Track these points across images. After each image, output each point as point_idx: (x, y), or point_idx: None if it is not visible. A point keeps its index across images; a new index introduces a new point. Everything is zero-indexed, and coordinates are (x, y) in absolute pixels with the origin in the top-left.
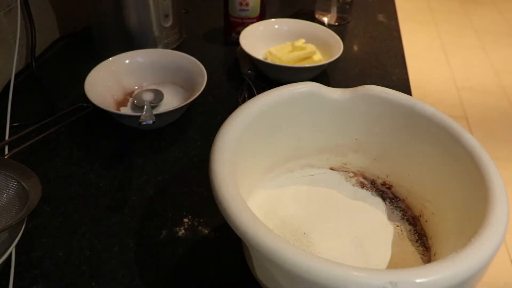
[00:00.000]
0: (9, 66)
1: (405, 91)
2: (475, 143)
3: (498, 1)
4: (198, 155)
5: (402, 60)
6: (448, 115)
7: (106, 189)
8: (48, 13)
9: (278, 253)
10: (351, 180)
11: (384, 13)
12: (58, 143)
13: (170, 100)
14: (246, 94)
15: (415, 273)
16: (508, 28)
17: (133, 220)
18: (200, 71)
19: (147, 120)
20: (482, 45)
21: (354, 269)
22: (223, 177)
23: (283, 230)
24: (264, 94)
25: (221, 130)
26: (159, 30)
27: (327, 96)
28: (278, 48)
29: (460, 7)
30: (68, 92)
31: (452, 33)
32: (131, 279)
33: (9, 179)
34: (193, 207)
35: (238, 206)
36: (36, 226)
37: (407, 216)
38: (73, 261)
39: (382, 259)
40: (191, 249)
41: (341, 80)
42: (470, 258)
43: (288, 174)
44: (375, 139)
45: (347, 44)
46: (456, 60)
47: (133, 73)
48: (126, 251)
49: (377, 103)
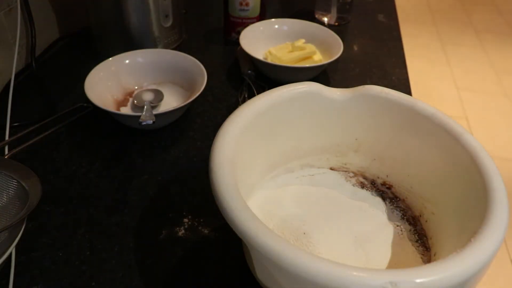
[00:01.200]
0: (9, 66)
1: (405, 91)
2: (475, 143)
3: (498, 1)
4: (198, 155)
5: (402, 60)
6: (448, 115)
7: (106, 189)
8: (48, 13)
9: (278, 253)
10: (351, 180)
11: (384, 13)
12: (58, 143)
13: (170, 100)
14: (246, 94)
15: (415, 273)
16: (508, 28)
17: (133, 220)
18: (200, 71)
19: (147, 120)
20: (482, 45)
21: (354, 269)
22: (223, 177)
23: (283, 230)
24: (264, 94)
25: (221, 130)
26: (159, 30)
27: (327, 96)
28: (278, 48)
29: (460, 7)
30: (68, 92)
31: (452, 33)
32: (131, 279)
33: (9, 179)
34: (193, 207)
35: (238, 206)
36: (36, 226)
37: (407, 216)
38: (73, 261)
39: (382, 259)
40: (191, 249)
41: (341, 80)
42: (470, 258)
43: (288, 174)
44: (375, 139)
45: (347, 44)
46: (456, 60)
47: (133, 73)
48: (126, 251)
49: (377, 103)
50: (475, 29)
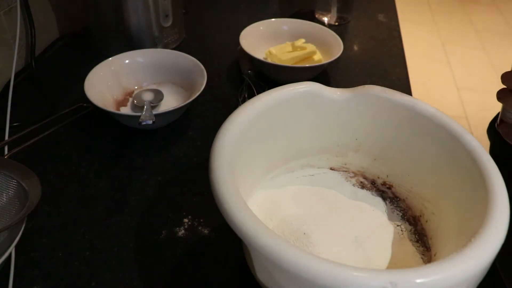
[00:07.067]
0: (9, 66)
1: (405, 91)
2: (475, 143)
3: (498, 1)
4: (198, 155)
5: (402, 60)
6: (448, 115)
7: (106, 189)
8: (48, 13)
9: (278, 253)
10: (351, 180)
11: (384, 13)
12: (58, 143)
13: (170, 100)
14: (246, 94)
15: (416, 273)
16: (508, 28)
17: (133, 220)
18: (200, 71)
19: (147, 120)
20: (482, 45)
21: (354, 269)
22: (223, 177)
23: (283, 230)
24: (264, 94)
25: (221, 130)
26: (159, 30)
27: (327, 96)
28: (278, 48)
29: (460, 7)
30: (68, 92)
31: (452, 33)
32: (131, 279)
33: (9, 179)
34: (193, 207)
35: (238, 206)
36: (36, 226)
37: (407, 216)
38: (73, 261)
39: (382, 259)
40: (191, 249)
41: (341, 80)
42: (470, 258)
43: (288, 174)
44: (375, 139)
45: (347, 44)
46: (456, 60)
47: (133, 73)
48: (126, 251)
49: (377, 103)
50: (475, 29)
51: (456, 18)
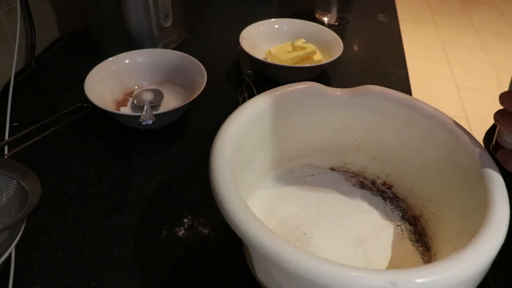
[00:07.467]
0: (9, 66)
1: (405, 91)
2: (475, 143)
3: (498, 1)
4: (198, 155)
5: (402, 60)
6: (448, 115)
7: (106, 189)
8: (48, 13)
9: (278, 253)
10: (351, 180)
11: (384, 13)
12: (58, 143)
13: (170, 100)
14: (246, 94)
15: (415, 273)
16: (508, 28)
17: (133, 220)
18: (200, 71)
19: (147, 120)
20: (482, 45)
21: (354, 269)
22: (223, 177)
23: (283, 230)
24: (264, 94)
25: (221, 130)
26: (159, 30)
27: (327, 96)
28: (278, 48)
29: (460, 7)
30: (68, 92)
31: (452, 33)
32: (131, 279)
33: (9, 179)
34: (193, 207)
35: (238, 206)
36: (36, 226)
37: (407, 216)
38: (73, 261)
39: (382, 259)
40: (191, 249)
41: (341, 80)
42: (470, 258)
43: (288, 174)
44: (375, 139)
45: (347, 44)
46: (456, 60)
47: (133, 73)
48: (126, 251)
49: (377, 103)
50: (475, 29)
51: (456, 18)
